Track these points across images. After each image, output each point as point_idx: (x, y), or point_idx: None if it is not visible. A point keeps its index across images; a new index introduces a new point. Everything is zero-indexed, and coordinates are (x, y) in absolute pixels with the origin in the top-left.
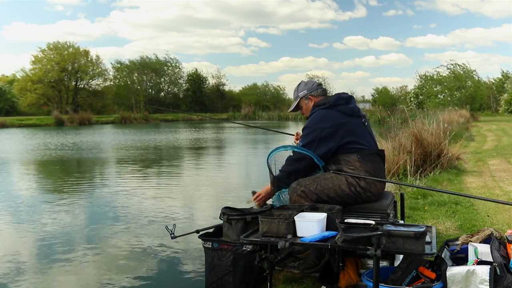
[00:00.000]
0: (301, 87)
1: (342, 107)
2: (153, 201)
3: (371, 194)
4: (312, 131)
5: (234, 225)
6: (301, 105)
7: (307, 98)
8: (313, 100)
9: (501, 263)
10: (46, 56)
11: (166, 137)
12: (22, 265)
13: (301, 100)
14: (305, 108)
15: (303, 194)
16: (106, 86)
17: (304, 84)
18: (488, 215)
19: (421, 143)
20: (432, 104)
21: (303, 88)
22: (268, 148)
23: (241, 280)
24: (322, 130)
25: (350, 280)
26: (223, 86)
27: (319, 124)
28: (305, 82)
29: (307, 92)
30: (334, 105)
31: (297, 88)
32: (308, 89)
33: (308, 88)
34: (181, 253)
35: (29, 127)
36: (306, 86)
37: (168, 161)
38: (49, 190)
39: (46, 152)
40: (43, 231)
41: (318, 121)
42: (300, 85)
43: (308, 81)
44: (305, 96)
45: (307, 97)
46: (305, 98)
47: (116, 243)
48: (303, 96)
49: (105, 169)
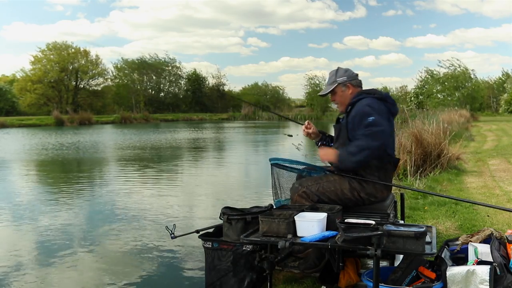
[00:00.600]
0: (341, 73)
1: (390, 105)
2: (153, 201)
3: (376, 199)
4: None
5: (234, 225)
6: (337, 91)
7: (345, 85)
8: (351, 88)
9: (501, 263)
10: (46, 56)
11: (166, 137)
12: (22, 264)
13: (338, 86)
14: (340, 95)
15: (304, 195)
16: (106, 86)
17: (344, 71)
18: (488, 215)
19: (421, 143)
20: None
21: (343, 74)
22: (268, 148)
23: (241, 280)
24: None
25: (350, 280)
26: (223, 86)
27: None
28: (344, 69)
29: (346, 79)
30: (384, 99)
31: (335, 73)
32: (348, 76)
33: (349, 75)
34: (181, 253)
35: (29, 127)
36: (347, 73)
37: (168, 161)
38: (49, 190)
39: (46, 152)
40: (43, 231)
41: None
42: (338, 70)
43: (347, 69)
44: (344, 83)
45: (345, 84)
46: (343, 85)
47: (116, 243)
48: (342, 83)
49: (104, 169)
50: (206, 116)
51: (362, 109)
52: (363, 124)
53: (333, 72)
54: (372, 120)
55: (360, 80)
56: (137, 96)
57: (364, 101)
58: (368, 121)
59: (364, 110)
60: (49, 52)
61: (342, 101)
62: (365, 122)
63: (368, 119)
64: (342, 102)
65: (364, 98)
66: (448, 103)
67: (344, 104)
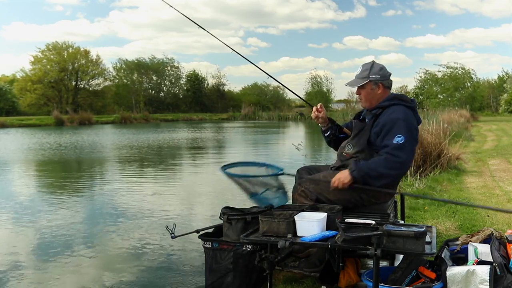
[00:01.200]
0: (375, 70)
1: (417, 115)
2: (153, 200)
3: (377, 201)
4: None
5: (234, 225)
6: (366, 87)
7: (377, 84)
8: (381, 89)
9: (501, 263)
10: (46, 56)
11: (166, 137)
12: (21, 264)
13: (369, 83)
14: (368, 92)
15: (303, 194)
16: (106, 86)
17: (379, 68)
18: (488, 215)
19: (421, 143)
20: (432, 104)
21: (377, 71)
22: (268, 148)
23: (241, 280)
24: (416, 131)
25: (350, 280)
26: (223, 86)
27: (415, 124)
28: (380, 65)
29: (379, 78)
30: (414, 108)
31: (370, 68)
32: (382, 75)
33: (382, 74)
34: (181, 253)
35: (29, 127)
36: (381, 71)
37: (168, 160)
38: (48, 190)
39: (45, 152)
40: (42, 230)
41: (411, 118)
42: (374, 66)
43: (383, 66)
44: (376, 81)
45: (377, 83)
46: (375, 83)
47: (115, 242)
48: (374, 80)
49: (104, 168)
50: (206, 116)
51: (396, 122)
52: (391, 139)
53: (368, 66)
54: (401, 142)
55: (392, 81)
56: (137, 96)
57: (398, 109)
58: (397, 142)
59: (397, 124)
60: (49, 52)
61: (369, 98)
62: (393, 141)
63: (398, 139)
64: (368, 100)
65: (397, 105)
66: (448, 103)
67: (369, 101)
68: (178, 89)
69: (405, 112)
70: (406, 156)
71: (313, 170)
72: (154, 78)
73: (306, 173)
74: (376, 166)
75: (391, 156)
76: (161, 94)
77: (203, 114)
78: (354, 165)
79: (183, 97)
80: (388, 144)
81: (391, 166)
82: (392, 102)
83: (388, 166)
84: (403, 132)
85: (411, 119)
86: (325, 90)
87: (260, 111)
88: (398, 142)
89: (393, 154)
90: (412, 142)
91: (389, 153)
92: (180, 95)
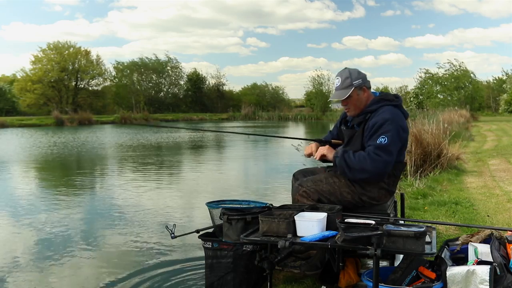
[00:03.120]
0: (355, 75)
1: (403, 110)
2: (153, 200)
3: (378, 202)
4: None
5: (234, 225)
6: (353, 95)
7: (361, 88)
8: (366, 91)
9: (501, 263)
10: (46, 56)
11: (166, 137)
12: (20, 264)
13: (355, 90)
14: (356, 99)
15: (305, 194)
16: (106, 86)
17: (357, 72)
18: (488, 215)
19: (421, 143)
20: (432, 104)
21: (357, 75)
22: (268, 148)
23: (241, 280)
24: (403, 130)
25: (350, 280)
26: (223, 86)
27: (402, 123)
28: (357, 70)
29: (362, 82)
30: (401, 106)
31: (349, 75)
32: (363, 78)
33: (363, 77)
34: (181, 253)
35: (29, 127)
36: (360, 75)
37: (168, 160)
38: (47, 190)
39: (44, 152)
40: (41, 230)
41: (398, 117)
42: (352, 72)
43: (359, 71)
44: (360, 86)
45: (361, 87)
46: (359, 88)
47: (115, 242)
48: (358, 86)
49: (104, 168)
50: (206, 116)
51: (383, 123)
52: (376, 139)
53: (346, 74)
54: (385, 143)
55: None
56: (137, 96)
57: (386, 110)
58: (380, 143)
59: (384, 125)
60: (50, 52)
61: (358, 105)
62: (377, 141)
63: (381, 140)
64: (357, 106)
65: (385, 106)
66: (448, 103)
67: (358, 108)
68: (178, 89)
69: (392, 112)
70: (387, 157)
71: (309, 173)
72: (154, 77)
73: (302, 176)
74: (357, 160)
75: (373, 155)
76: (161, 94)
77: (203, 114)
78: (340, 151)
79: (183, 97)
80: (373, 143)
81: (371, 163)
82: (379, 104)
83: (368, 163)
84: (388, 134)
85: (398, 118)
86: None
87: (260, 111)
88: (382, 143)
89: (375, 153)
90: (396, 144)
91: (372, 151)
92: (180, 95)
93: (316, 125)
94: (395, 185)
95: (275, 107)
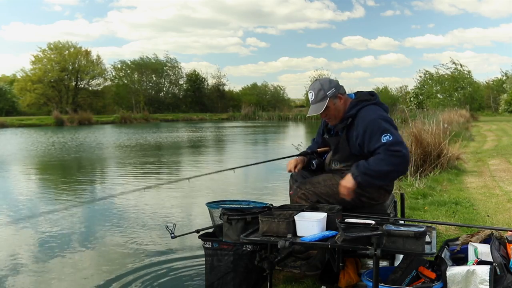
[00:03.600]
0: (327, 85)
1: (383, 105)
2: (153, 200)
3: (377, 202)
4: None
5: (234, 225)
6: (329, 105)
7: (336, 97)
8: (342, 98)
9: (501, 263)
10: (46, 56)
11: (165, 136)
12: (20, 264)
13: (330, 100)
14: (333, 108)
15: (304, 196)
16: (106, 86)
17: (329, 82)
18: (488, 215)
19: (421, 143)
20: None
21: (329, 85)
22: (267, 148)
23: (241, 280)
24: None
25: (350, 280)
26: (223, 86)
27: (386, 118)
28: (328, 79)
29: (335, 90)
30: (379, 102)
31: (321, 87)
32: (336, 86)
33: (335, 85)
34: (181, 253)
35: (29, 127)
36: (332, 83)
37: (168, 160)
38: (47, 189)
39: (44, 152)
40: (41, 230)
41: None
42: (323, 83)
43: (330, 79)
44: (335, 95)
45: (336, 95)
46: (334, 97)
47: (115, 242)
48: (332, 95)
49: (103, 168)
50: (206, 116)
51: (374, 123)
52: (379, 140)
53: (318, 86)
54: (392, 139)
55: (343, 86)
56: (137, 96)
57: (367, 111)
58: (387, 139)
59: (376, 124)
60: (50, 52)
61: (337, 114)
62: (383, 140)
63: (386, 137)
64: (336, 115)
65: (364, 107)
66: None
67: (338, 116)
68: (178, 89)
69: (374, 110)
70: (403, 148)
71: (306, 174)
72: (154, 77)
73: (300, 177)
74: (377, 166)
75: (390, 152)
76: (161, 94)
77: (203, 114)
78: (355, 169)
79: (183, 97)
80: (379, 145)
81: (393, 161)
82: (358, 107)
83: (390, 162)
84: (386, 130)
85: (383, 114)
86: None
87: (260, 111)
88: (389, 139)
89: (391, 149)
90: (398, 134)
91: (387, 150)
92: (180, 95)
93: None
94: (392, 184)
95: (275, 107)
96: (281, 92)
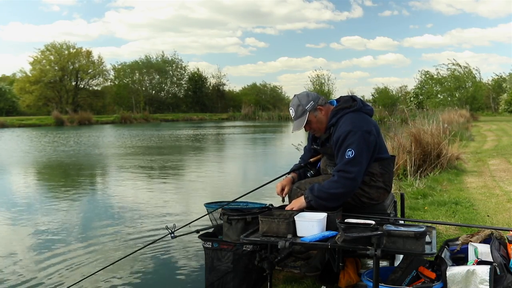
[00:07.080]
0: (305, 100)
1: (366, 109)
2: (153, 200)
3: (377, 202)
4: (361, 136)
5: (234, 225)
6: (310, 119)
7: (316, 109)
8: (323, 109)
9: (501, 263)
10: (46, 56)
11: (166, 136)
12: (20, 264)
13: (310, 114)
14: (316, 121)
15: None
16: (106, 86)
17: (306, 95)
18: (488, 215)
19: (421, 143)
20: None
21: (307, 100)
22: (267, 148)
23: (241, 280)
24: (369, 134)
25: (350, 280)
26: (223, 86)
27: (365, 127)
28: (306, 93)
29: (314, 103)
30: (360, 108)
31: (300, 103)
32: (314, 99)
33: (313, 98)
34: (181, 253)
35: (29, 127)
36: (310, 96)
37: (168, 160)
38: (46, 189)
39: (44, 152)
40: (40, 229)
41: (359, 123)
42: (301, 98)
43: (307, 92)
44: (314, 108)
45: (315, 108)
46: (314, 110)
47: (115, 242)
48: (312, 109)
49: (103, 168)
50: (206, 116)
51: (345, 136)
52: (344, 155)
53: (296, 102)
54: (352, 156)
55: (322, 96)
56: (137, 96)
57: (344, 121)
58: (348, 157)
59: (347, 137)
60: (49, 52)
61: (320, 125)
62: (345, 156)
63: (348, 153)
64: (320, 127)
65: (342, 116)
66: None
67: (322, 127)
68: (179, 89)
69: (352, 120)
70: (358, 168)
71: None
72: (156, 77)
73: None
74: (329, 189)
75: (343, 173)
76: (162, 94)
77: (203, 114)
78: (308, 193)
79: (183, 97)
80: (339, 164)
81: (343, 185)
82: (338, 116)
83: (340, 186)
84: (353, 146)
85: (360, 124)
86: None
87: (260, 111)
88: (349, 157)
89: (344, 170)
90: (364, 151)
91: (340, 171)
92: (180, 95)
93: None
94: (391, 182)
95: (275, 107)
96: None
